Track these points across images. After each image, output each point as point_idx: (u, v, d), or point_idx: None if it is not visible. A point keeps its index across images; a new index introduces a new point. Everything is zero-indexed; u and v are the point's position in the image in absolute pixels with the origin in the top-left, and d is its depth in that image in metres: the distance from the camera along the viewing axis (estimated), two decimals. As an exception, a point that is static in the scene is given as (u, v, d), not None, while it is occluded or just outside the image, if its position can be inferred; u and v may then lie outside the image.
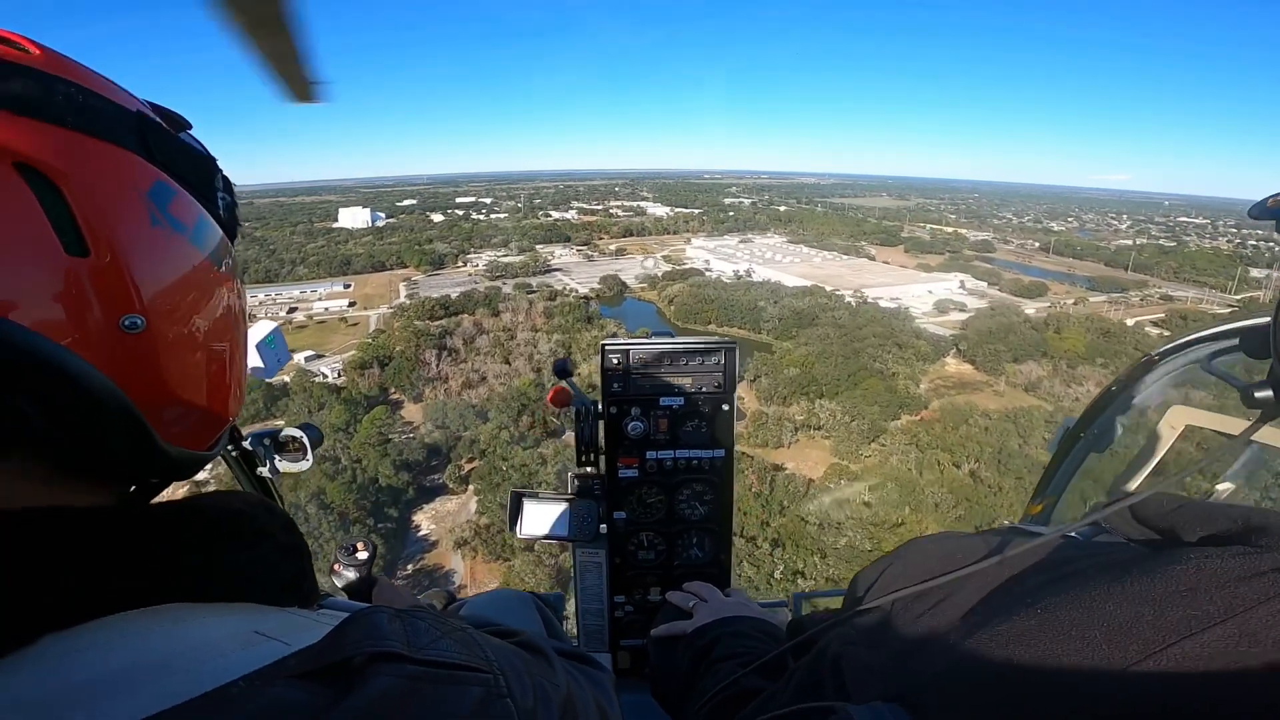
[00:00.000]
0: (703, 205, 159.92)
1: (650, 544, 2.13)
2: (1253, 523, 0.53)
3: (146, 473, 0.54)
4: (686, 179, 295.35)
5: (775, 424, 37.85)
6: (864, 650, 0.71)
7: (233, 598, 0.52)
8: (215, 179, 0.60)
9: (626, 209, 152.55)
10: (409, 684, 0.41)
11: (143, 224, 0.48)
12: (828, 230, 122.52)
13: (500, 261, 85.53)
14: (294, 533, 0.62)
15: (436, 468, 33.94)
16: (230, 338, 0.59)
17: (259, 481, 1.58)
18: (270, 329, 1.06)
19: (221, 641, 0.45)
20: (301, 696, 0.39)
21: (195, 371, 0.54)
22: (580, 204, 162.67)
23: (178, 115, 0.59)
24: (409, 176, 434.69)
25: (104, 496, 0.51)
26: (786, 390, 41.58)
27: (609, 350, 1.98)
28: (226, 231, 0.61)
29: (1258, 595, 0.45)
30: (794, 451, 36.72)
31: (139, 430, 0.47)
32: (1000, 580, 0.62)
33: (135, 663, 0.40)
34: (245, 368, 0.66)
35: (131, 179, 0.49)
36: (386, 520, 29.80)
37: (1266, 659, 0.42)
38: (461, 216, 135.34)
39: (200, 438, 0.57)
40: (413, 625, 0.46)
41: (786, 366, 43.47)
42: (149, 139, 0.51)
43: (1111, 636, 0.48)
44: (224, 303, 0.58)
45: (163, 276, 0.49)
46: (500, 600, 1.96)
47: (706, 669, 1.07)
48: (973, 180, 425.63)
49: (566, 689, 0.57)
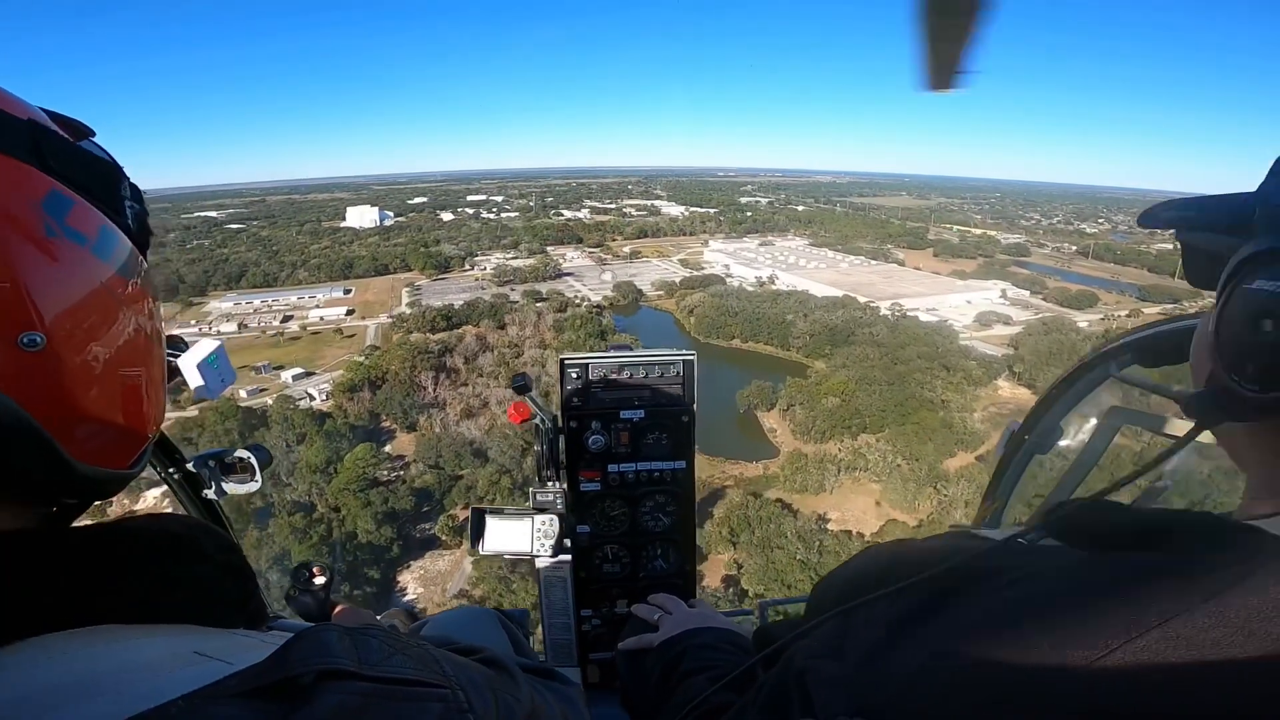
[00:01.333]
0: (718, 204, 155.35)
1: (615, 556, 2.14)
2: (1186, 523, 0.54)
3: (63, 492, 0.52)
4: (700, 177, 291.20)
5: (816, 466, 32.99)
6: (827, 661, 0.72)
7: (173, 619, 0.51)
8: (120, 187, 0.57)
9: (640, 208, 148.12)
10: (360, 701, 0.39)
11: (37, 235, 0.46)
12: (850, 232, 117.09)
13: (509, 265, 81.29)
14: (235, 554, 0.61)
15: (428, 515, 29.62)
16: (143, 351, 0.56)
17: (204, 505, 1.55)
18: (212, 347, 1.05)
19: (158, 661, 0.43)
20: (245, 716, 0.37)
21: (106, 387, 0.52)
22: (593, 202, 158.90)
23: (79, 123, 0.57)
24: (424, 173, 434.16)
25: (25, 520, 0.50)
26: (825, 424, 36.75)
27: (568, 365, 1.98)
28: (137, 242, 0.58)
29: (1195, 597, 0.47)
30: (838, 498, 31.90)
31: (47, 449, 0.45)
32: (951, 586, 0.63)
33: (59, 682, 0.39)
34: (164, 382, 0.63)
35: (23, 189, 0.46)
36: (365, 583, 25.56)
37: (1205, 660, 0.44)
38: (472, 215, 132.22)
39: (117, 455, 0.55)
40: (363, 642, 0.44)
41: (824, 395, 38.57)
42: (42, 147, 0.49)
43: (1058, 643, 0.49)
44: (134, 316, 0.55)
45: (62, 290, 0.47)
46: (463, 618, 1.91)
47: (676, 682, 1.09)
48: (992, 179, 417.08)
49: (531, 704, 0.56)
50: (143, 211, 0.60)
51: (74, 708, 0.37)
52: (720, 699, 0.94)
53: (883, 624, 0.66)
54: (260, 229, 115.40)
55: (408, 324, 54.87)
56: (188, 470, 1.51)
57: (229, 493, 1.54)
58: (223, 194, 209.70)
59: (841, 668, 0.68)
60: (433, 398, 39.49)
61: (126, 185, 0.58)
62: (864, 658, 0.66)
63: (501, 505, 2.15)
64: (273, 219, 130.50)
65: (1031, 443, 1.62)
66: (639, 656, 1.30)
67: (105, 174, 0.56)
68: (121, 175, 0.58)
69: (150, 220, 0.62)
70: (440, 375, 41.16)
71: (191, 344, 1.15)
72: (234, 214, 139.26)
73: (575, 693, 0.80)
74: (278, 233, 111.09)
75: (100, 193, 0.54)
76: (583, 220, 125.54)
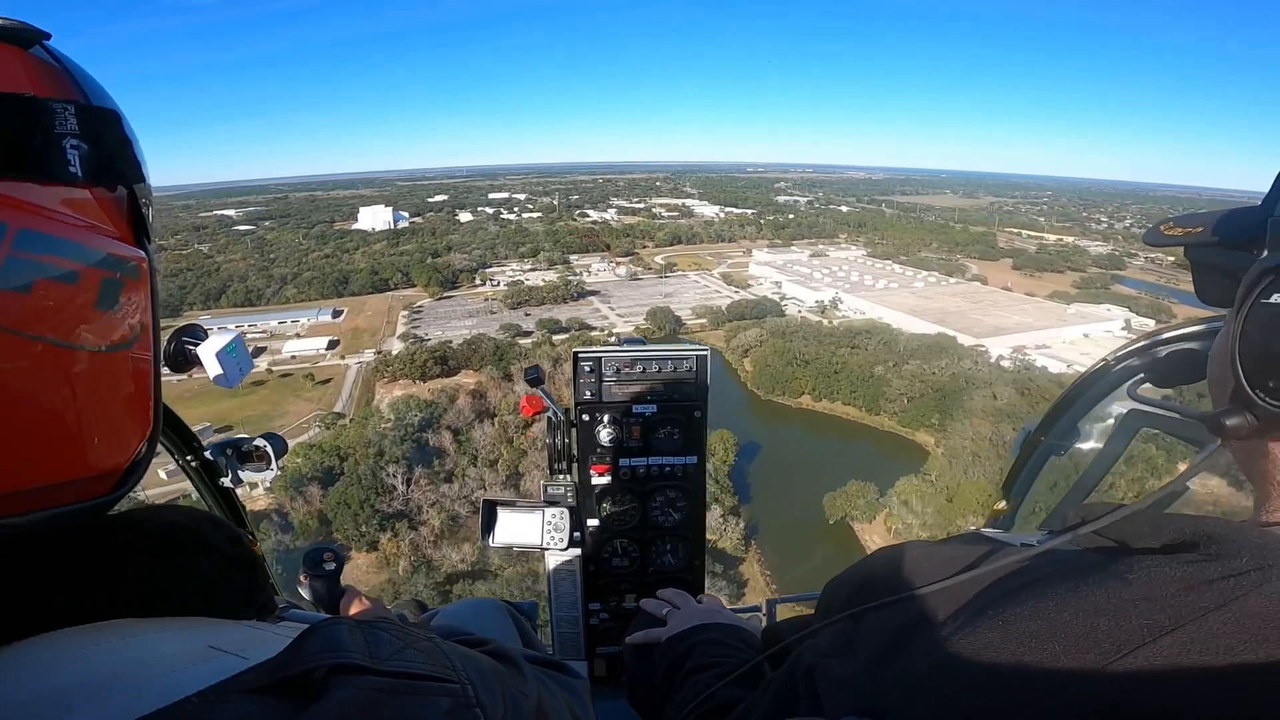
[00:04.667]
0: (754, 204, 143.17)
1: (624, 551, 2.15)
2: (1202, 530, 0.55)
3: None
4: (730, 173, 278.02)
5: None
6: (836, 661, 0.71)
7: (185, 612, 0.51)
8: (44, 121, 0.44)
9: (671, 208, 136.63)
10: (371, 696, 0.39)
11: None
12: (909, 239, 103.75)
13: (525, 283, 70.67)
14: (243, 544, 0.60)
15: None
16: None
17: (220, 492, 1.57)
18: (231, 337, 1.09)
19: (173, 657, 0.43)
20: (258, 712, 0.37)
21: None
22: (620, 201, 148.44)
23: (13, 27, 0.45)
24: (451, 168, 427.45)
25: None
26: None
27: (581, 358, 1.99)
28: (99, 191, 0.48)
29: (1209, 603, 0.47)
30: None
31: None
32: (966, 591, 0.63)
33: (80, 680, 0.39)
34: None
35: None
36: None
37: (1217, 665, 0.44)
38: (491, 216, 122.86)
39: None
40: (374, 636, 0.44)
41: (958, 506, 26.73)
42: None
43: (1069, 647, 0.49)
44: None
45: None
46: (473, 610, 1.92)
47: (683, 678, 1.08)
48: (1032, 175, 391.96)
49: (538, 697, 0.56)
50: (107, 145, 0.48)
51: (92, 706, 0.37)
52: (727, 695, 0.94)
53: (894, 625, 0.66)
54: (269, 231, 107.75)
55: (394, 368, 44.41)
56: (205, 458, 1.52)
57: (245, 480, 1.56)
58: (250, 189, 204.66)
59: (851, 667, 0.69)
60: (404, 502, 28.70)
61: (66, 116, 0.45)
62: (874, 658, 0.66)
63: (513, 498, 2.14)
64: (286, 218, 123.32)
65: (1047, 445, 1.62)
66: (647, 651, 1.29)
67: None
68: (46, 107, 0.44)
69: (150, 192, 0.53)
70: (415, 469, 30.12)
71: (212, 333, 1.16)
72: (251, 212, 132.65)
73: (581, 685, 0.80)
74: (284, 235, 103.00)
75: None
76: (610, 224, 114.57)
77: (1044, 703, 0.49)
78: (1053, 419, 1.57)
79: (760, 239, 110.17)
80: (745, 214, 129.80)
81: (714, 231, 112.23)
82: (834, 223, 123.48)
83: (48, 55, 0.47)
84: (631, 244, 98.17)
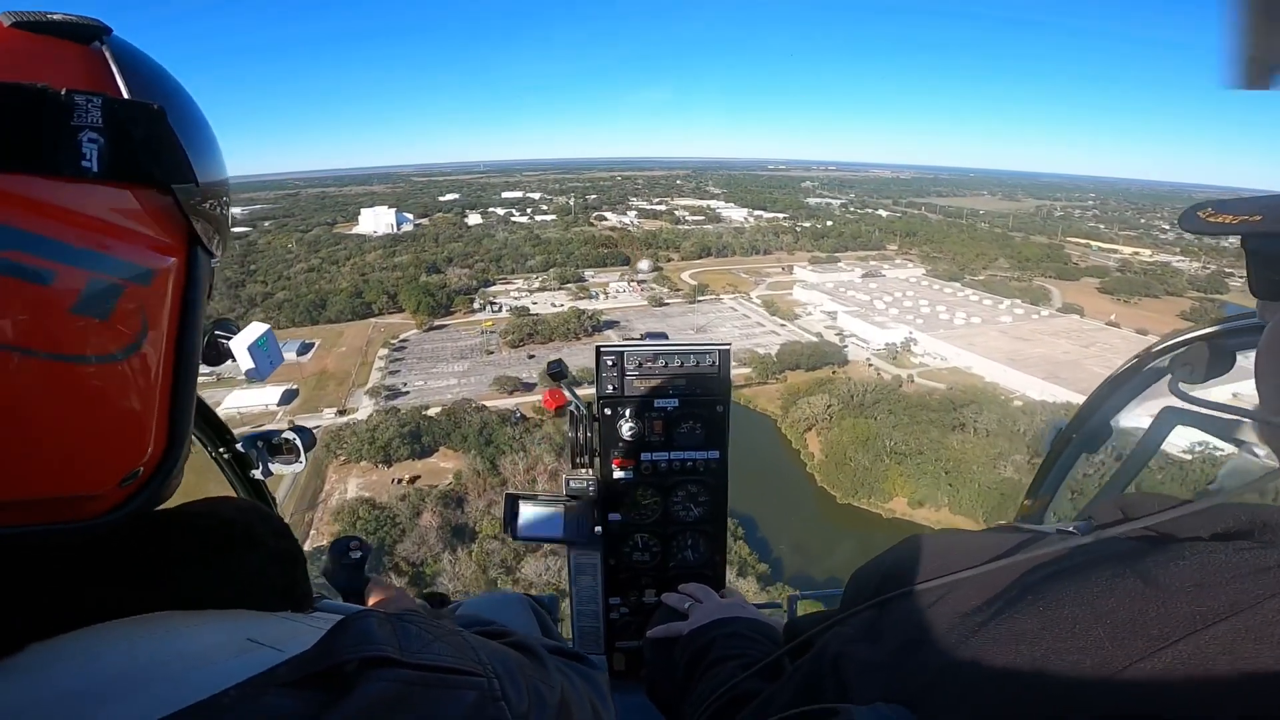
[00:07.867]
0: (784, 207, 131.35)
1: (645, 545, 2.15)
2: (1258, 519, 0.53)
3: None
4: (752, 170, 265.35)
5: None
6: (864, 648, 0.70)
7: (225, 605, 0.52)
8: (61, 115, 0.41)
9: (695, 211, 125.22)
10: (401, 689, 0.41)
11: None
12: (968, 253, 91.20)
13: (530, 310, 59.99)
14: (287, 538, 0.62)
15: None
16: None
17: (251, 484, 1.61)
18: (262, 330, 1.09)
19: (213, 650, 0.45)
20: (293, 705, 0.38)
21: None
22: (640, 202, 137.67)
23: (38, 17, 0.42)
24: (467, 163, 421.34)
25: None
26: None
27: (603, 352, 2.00)
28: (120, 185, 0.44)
29: (1266, 590, 0.45)
30: None
31: None
32: (1001, 578, 0.62)
33: (123, 671, 0.40)
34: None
35: None
36: None
37: (1273, 654, 0.42)
38: (501, 218, 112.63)
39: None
40: (404, 629, 0.46)
41: None
42: None
43: (1115, 633, 0.48)
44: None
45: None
46: (495, 602, 1.95)
47: (703, 671, 1.08)
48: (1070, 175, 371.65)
49: (561, 690, 0.57)
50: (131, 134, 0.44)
51: (133, 697, 0.38)
52: (748, 686, 0.93)
53: (923, 611, 0.65)
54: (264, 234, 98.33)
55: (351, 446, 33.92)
56: (237, 450, 1.55)
57: (274, 472, 1.60)
58: (264, 185, 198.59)
59: (879, 654, 0.68)
60: None
61: (89, 109, 0.42)
62: (903, 645, 0.65)
63: (534, 492, 2.18)
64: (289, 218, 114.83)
65: (1079, 441, 1.62)
66: (667, 645, 1.30)
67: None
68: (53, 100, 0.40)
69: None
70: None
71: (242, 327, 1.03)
72: (257, 210, 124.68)
73: (601, 678, 0.81)
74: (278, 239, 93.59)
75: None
76: (629, 230, 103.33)
77: (1083, 690, 0.47)
78: (1085, 416, 1.57)
79: (799, 250, 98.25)
80: (778, 220, 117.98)
81: (746, 241, 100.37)
82: (878, 232, 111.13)
83: (105, 49, 0.45)
84: (655, 255, 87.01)
